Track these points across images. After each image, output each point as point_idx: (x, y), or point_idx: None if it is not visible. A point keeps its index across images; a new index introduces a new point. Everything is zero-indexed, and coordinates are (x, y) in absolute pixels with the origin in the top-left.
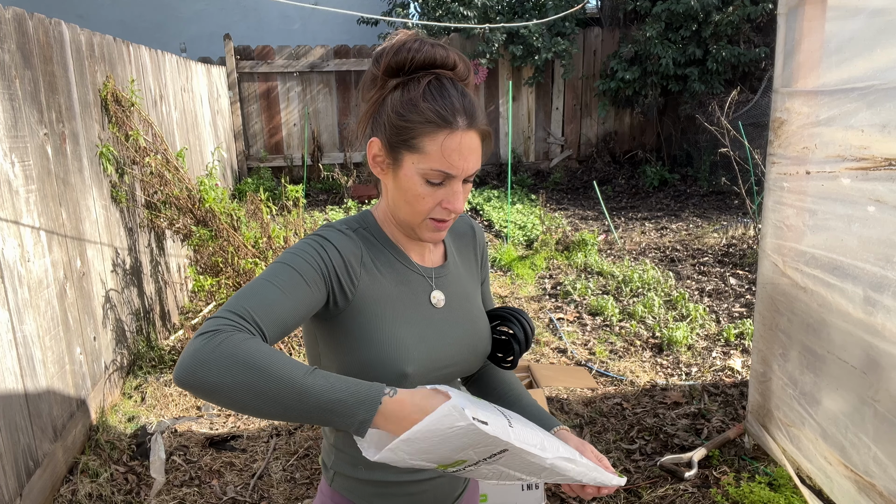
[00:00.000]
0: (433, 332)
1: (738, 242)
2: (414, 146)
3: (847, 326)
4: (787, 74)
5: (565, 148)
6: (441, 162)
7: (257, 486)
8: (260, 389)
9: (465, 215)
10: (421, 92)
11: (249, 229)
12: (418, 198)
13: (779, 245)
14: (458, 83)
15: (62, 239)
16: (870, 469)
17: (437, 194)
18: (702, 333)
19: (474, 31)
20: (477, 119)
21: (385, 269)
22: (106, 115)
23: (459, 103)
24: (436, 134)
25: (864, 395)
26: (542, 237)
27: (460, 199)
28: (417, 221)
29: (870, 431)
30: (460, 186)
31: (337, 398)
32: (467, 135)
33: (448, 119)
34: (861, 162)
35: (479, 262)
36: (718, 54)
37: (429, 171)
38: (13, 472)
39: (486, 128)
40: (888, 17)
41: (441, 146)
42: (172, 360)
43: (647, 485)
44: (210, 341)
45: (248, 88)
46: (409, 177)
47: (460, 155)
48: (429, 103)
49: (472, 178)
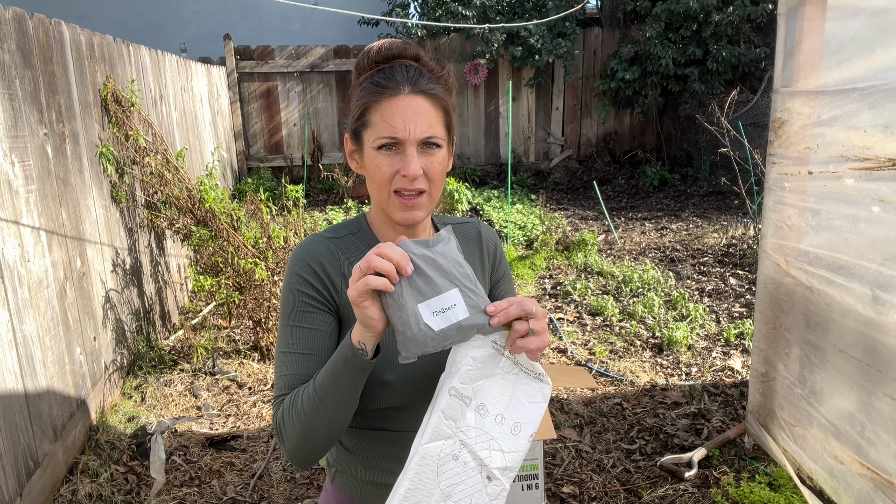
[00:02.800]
0: None
1: (738, 242)
2: (366, 123)
3: (858, 325)
4: (788, 74)
5: (565, 148)
6: (385, 127)
7: (257, 486)
8: (312, 419)
9: (476, 220)
10: (369, 75)
11: (249, 229)
12: (377, 168)
13: (780, 245)
14: (417, 67)
15: (62, 239)
16: (889, 467)
17: (394, 162)
18: (702, 333)
19: (474, 31)
20: (422, 85)
21: None
22: (106, 115)
23: (403, 75)
24: (378, 102)
25: (882, 392)
26: (542, 237)
27: (413, 163)
28: (384, 199)
29: (892, 429)
30: (413, 151)
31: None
32: (411, 98)
33: (386, 85)
34: (864, 162)
35: (488, 265)
36: (718, 54)
37: (378, 138)
38: (13, 472)
39: (439, 94)
40: (888, 17)
41: (383, 112)
42: (172, 360)
43: (647, 485)
44: (280, 437)
45: (248, 88)
46: (369, 155)
47: (403, 117)
48: (373, 79)
49: (433, 142)
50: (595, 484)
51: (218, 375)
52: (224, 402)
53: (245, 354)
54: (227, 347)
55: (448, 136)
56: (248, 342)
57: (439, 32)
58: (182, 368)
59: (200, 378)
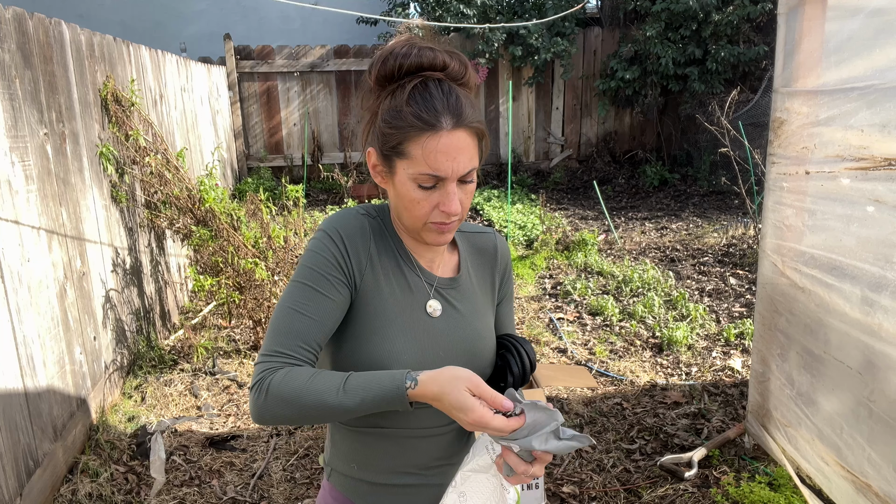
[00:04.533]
0: (425, 341)
1: (738, 242)
2: (402, 152)
3: (844, 327)
4: (787, 74)
5: (565, 148)
6: (428, 165)
7: (257, 485)
8: (311, 416)
9: (495, 233)
10: (405, 98)
11: (249, 229)
12: (414, 203)
13: (778, 245)
14: (449, 83)
15: (62, 239)
16: (865, 470)
17: (432, 198)
18: (702, 333)
19: (474, 31)
20: (464, 117)
21: (389, 265)
22: (106, 114)
23: (443, 104)
24: (419, 137)
25: (859, 395)
26: (542, 237)
27: (454, 202)
28: (419, 226)
29: (865, 432)
30: (454, 188)
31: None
32: (453, 135)
33: (429, 121)
34: (860, 162)
35: (497, 282)
36: (718, 54)
37: (418, 175)
38: (13, 472)
39: (476, 125)
40: (887, 16)
41: (425, 149)
42: (172, 360)
43: (647, 485)
44: (258, 395)
45: (248, 88)
46: (403, 183)
47: (447, 156)
48: (411, 107)
49: (469, 177)
50: (595, 484)
51: (218, 375)
52: (224, 402)
53: (245, 354)
54: (227, 347)
55: (480, 158)
56: (249, 342)
57: (439, 32)
58: (182, 368)
59: (200, 378)
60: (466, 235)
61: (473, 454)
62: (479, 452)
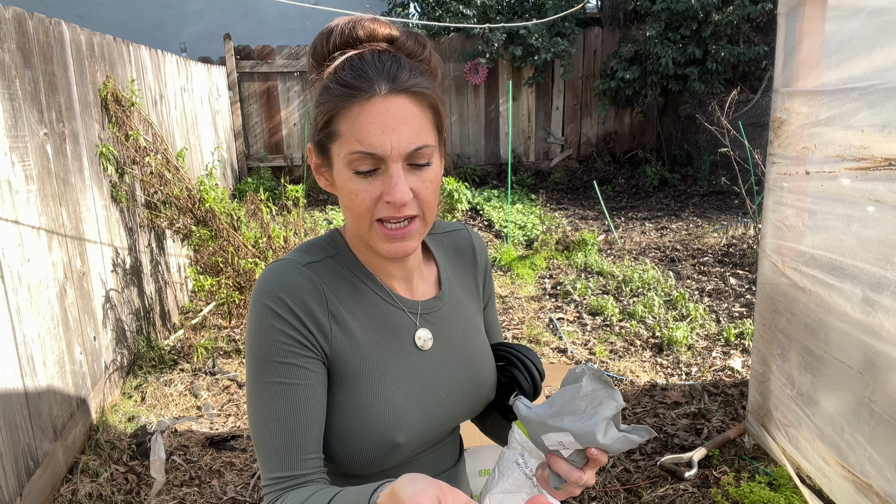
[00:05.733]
0: (423, 385)
1: (738, 242)
2: (334, 133)
3: (845, 327)
4: (787, 74)
5: (565, 148)
6: (358, 140)
7: (257, 485)
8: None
9: (467, 229)
10: (334, 68)
11: (249, 229)
12: (352, 195)
13: (778, 245)
14: (395, 53)
15: (62, 239)
16: (866, 470)
17: (373, 187)
18: (702, 333)
19: (474, 31)
20: (403, 80)
21: (358, 310)
22: (106, 114)
23: (376, 70)
24: (349, 108)
25: (860, 395)
26: (542, 237)
27: (399, 187)
28: (365, 230)
29: (866, 432)
30: (398, 170)
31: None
32: (389, 101)
33: (357, 86)
34: (861, 162)
35: (480, 285)
36: (718, 54)
37: (351, 156)
38: (13, 472)
39: (423, 90)
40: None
41: (355, 121)
42: (172, 360)
43: (647, 485)
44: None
45: (248, 88)
46: (339, 174)
47: (381, 126)
48: (338, 75)
49: (423, 158)
50: (595, 484)
51: (218, 375)
52: (224, 402)
53: (245, 354)
54: (227, 347)
55: (439, 138)
56: None
57: (439, 32)
58: (182, 368)
59: (200, 378)
60: (438, 238)
61: (500, 473)
62: (507, 470)
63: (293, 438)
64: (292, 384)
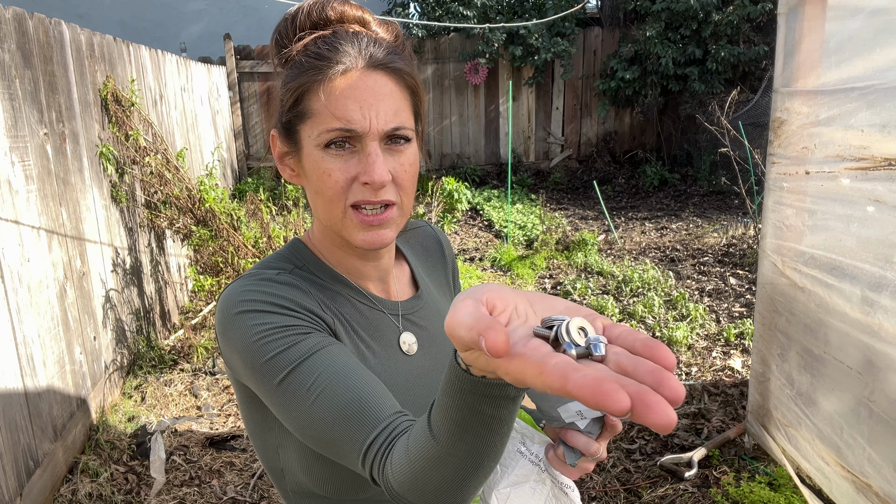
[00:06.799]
0: (414, 395)
1: (738, 242)
2: (304, 112)
3: (844, 327)
4: (787, 74)
5: (565, 148)
6: (333, 114)
7: (257, 485)
8: None
9: (429, 225)
10: (303, 45)
11: (249, 229)
12: (325, 176)
13: (778, 245)
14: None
15: (62, 239)
16: (865, 470)
17: (349, 166)
18: (702, 333)
19: (474, 31)
20: (379, 56)
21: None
22: (106, 114)
23: (352, 44)
24: (321, 83)
25: (859, 395)
26: (542, 237)
27: (378, 165)
28: (337, 217)
29: (865, 432)
30: (376, 148)
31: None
32: (367, 75)
33: (332, 57)
34: (860, 162)
35: (451, 281)
36: (718, 54)
37: (325, 132)
38: (13, 472)
39: (401, 66)
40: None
41: (330, 94)
42: (172, 360)
43: (647, 485)
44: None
45: (249, 88)
46: (310, 157)
47: (359, 100)
48: (308, 50)
49: (400, 138)
50: (595, 484)
51: (218, 375)
52: (224, 402)
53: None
54: None
55: (417, 125)
56: None
57: (439, 32)
58: (182, 368)
59: (200, 378)
60: (404, 236)
61: (503, 467)
62: (510, 462)
63: (348, 400)
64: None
